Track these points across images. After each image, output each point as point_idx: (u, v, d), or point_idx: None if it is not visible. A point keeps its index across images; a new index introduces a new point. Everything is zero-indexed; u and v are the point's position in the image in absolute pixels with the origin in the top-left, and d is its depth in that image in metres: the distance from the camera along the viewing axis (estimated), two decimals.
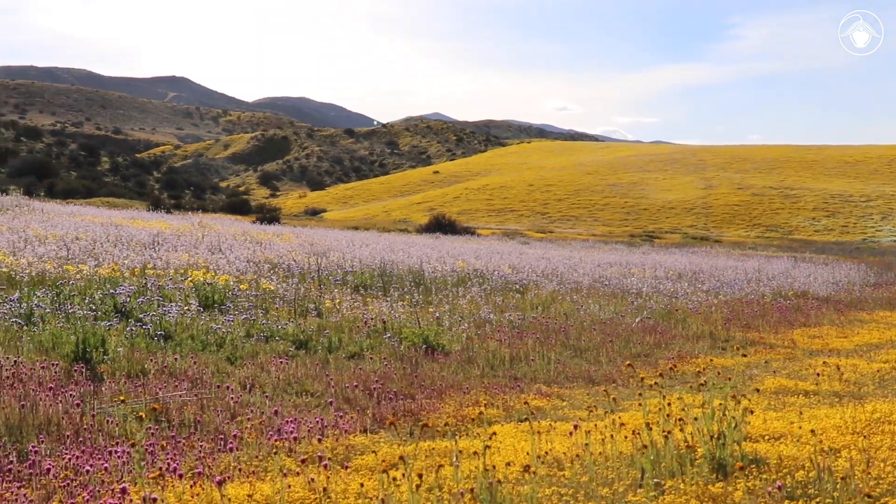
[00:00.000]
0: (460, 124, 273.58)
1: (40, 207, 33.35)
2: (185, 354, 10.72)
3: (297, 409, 8.94)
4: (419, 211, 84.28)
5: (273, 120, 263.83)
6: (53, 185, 76.18)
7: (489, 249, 34.34)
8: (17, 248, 17.86)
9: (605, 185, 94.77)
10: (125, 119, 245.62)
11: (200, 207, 60.02)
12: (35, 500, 5.74)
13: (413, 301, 17.04)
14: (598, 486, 5.89)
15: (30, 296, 12.79)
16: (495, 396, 10.05)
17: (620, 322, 16.65)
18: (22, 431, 7.29)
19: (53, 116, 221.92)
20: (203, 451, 7.01)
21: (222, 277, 16.32)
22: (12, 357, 9.46)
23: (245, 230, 32.34)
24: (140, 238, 23.10)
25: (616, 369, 12.24)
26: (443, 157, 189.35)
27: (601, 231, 71.54)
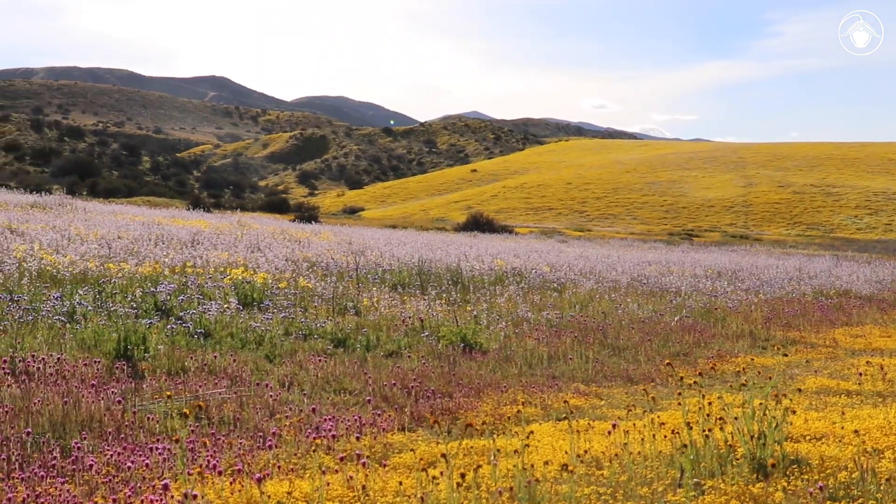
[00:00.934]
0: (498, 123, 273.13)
1: (83, 206, 33.76)
2: (224, 352, 10.81)
3: (336, 407, 8.98)
4: (457, 209, 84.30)
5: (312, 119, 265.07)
6: (95, 185, 77.15)
7: (527, 248, 34.26)
8: (61, 247, 18.09)
9: (644, 184, 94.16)
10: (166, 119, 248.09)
11: (239, 206, 60.52)
12: (78, 496, 5.80)
13: (451, 299, 17.05)
14: (636, 485, 5.85)
15: (72, 294, 12.95)
16: (533, 395, 10.02)
17: (659, 321, 16.54)
18: (65, 428, 7.39)
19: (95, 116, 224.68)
20: (242, 449, 7.05)
21: (261, 276, 16.42)
22: (56, 354, 9.59)
23: (283, 229, 32.53)
24: (180, 237, 23.31)
25: (655, 368, 12.16)
26: (481, 156, 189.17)
27: (640, 229, 71.10)
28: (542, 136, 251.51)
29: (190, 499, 5.02)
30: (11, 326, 10.78)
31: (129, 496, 5.65)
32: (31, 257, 15.78)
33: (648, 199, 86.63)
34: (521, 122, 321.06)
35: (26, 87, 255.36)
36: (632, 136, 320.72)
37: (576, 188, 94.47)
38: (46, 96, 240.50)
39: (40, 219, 25.02)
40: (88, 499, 5.73)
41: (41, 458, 6.57)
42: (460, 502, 5.34)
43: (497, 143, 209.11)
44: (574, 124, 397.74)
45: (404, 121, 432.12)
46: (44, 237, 19.41)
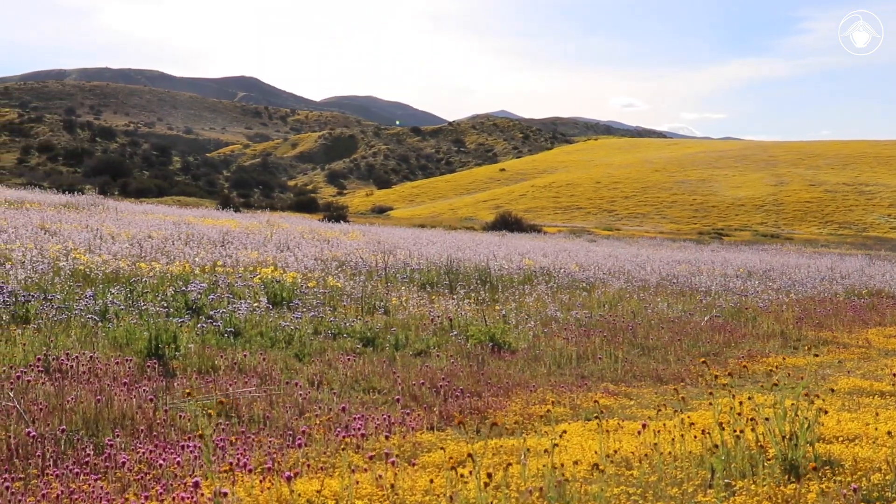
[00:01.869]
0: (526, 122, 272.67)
1: (114, 206, 34.08)
2: (254, 351, 10.86)
3: (365, 405, 9.00)
4: (485, 209, 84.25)
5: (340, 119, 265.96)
6: (127, 185, 77.90)
7: (556, 247, 34.19)
8: (93, 246, 18.27)
9: (673, 182, 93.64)
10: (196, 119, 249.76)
11: (269, 206, 60.84)
12: (111, 493, 5.86)
13: (479, 299, 17.04)
14: (667, 485, 5.82)
15: (105, 293, 13.07)
16: (562, 395, 9.99)
17: (689, 320, 16.45)
18: (98, 425, 7.46)
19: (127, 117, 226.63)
20: (272, 447, 7.09)
21: (290, 275, 16.49)
22: (88, 352, 9.68)
23: (313, 228, 32.67)
24: (210, 236, 23.47)
25: (685, 368, 12.10)
26: (509, 155, 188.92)
27: (669, 228, 70.73)
28: (571, 135, 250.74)
29: (220, 496, 5.05)
30: (45, 325, 10.90)
31: (161, 493, 5.69)
32: (64, 257, 15.95)
33: (678, 198, 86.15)
34: (549, 121, 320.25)
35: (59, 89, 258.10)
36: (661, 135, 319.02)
37: (605, 187, 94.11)
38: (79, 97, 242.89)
39: (73, 218, 25.29)
40: (121, 496, 5.78)
41: (75, 456, 6.64)
42: (489, 501, 5.34)
43: (525, 143, 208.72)
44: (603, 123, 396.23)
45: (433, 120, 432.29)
46: (77, 237, 19.61)
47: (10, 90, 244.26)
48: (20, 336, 10.26)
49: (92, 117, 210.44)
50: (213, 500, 5.17)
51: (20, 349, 9.59)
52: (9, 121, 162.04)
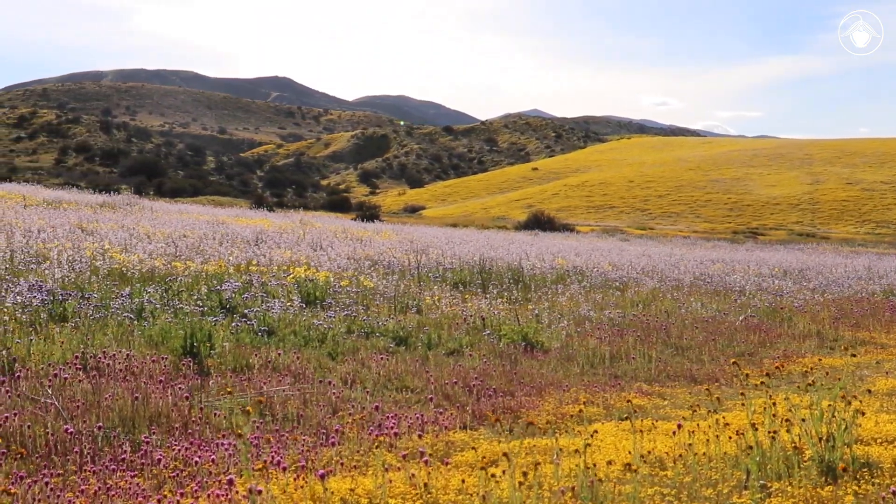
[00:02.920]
0: (559, 121, 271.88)
1: (150, 206, 34.40)
2: (288, 350, 10.92)
3: (398, 404, 9.02)
4: (517, 208, 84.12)
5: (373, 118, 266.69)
6: (162, 184, 78.62)
7: (588, 246, 34.08)
8: (129, 245, 18.46)
9: (707, 181, 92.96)
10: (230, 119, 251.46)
11: (302, 205, 61.12)
12: (147, 489, 5.92)
13: (512, 298, 17.02)
14: (701, 486, 5.78)
15: (140, 291, 13.20)
16: (595, 394, 9.96)
17: (723, 320, 16.33)
18: (134, 423, 7.53)
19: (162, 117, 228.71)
20: (306, 445, 7.12)
21: (323, 274, 16.57)
22: (125, 351, 9.78)
23: (345, 227, 32.79)
24: (244, 235, 23.62)
25: (719, 368, 12.01)
26: (541, 154, 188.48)
27: (703, 228, 70.24)
28: (604, 133, 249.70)
29: (254, 494, 5.09)
30: (83, 323, 11.03)
31: (196, 490, 5.74)
32: (101, 256, 16.13)
33: (712, 197, 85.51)
34: (582, 119, 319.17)
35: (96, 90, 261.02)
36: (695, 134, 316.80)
37: (638, 186, 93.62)
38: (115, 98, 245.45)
39: (109, 218, 25.56)
40: (157, 492, 5.84)
41: (111, 452, 6.72)
42: (522, 501, 5.33)
43: (558, 142, 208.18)
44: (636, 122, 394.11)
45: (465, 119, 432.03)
46: (113, 236, 19.82)
47: (49, 91, 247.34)
48: (58, 334, 10.39)
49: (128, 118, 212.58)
50: (247, 498, 5.20)
51: (58, 347, 9.72)
52: (47, 122, 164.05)
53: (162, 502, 5.26)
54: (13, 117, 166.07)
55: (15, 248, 16.01)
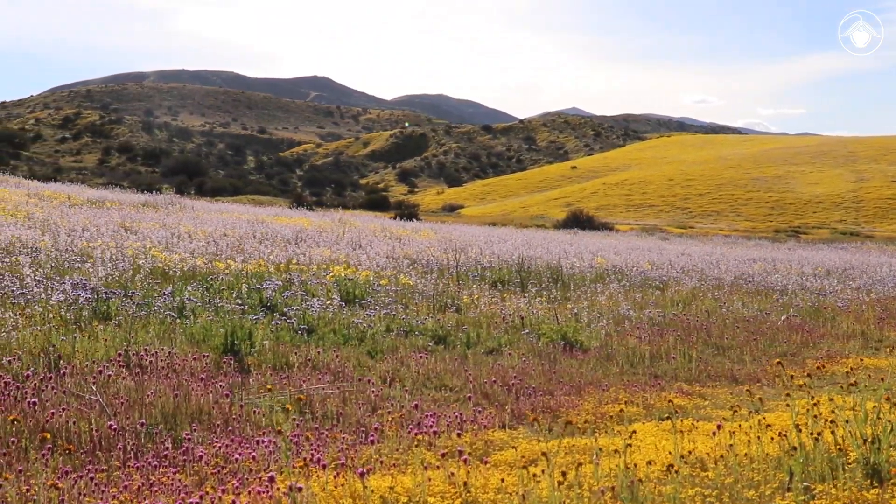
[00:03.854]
0: (598, 119, 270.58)
1: (191, 205, 34.73)
2: (327, 348, 10.98)
3: (437, 403, 9.03)
4: (556, 206, 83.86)
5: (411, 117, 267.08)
6: (203, 184, 79.32)
7: (628, 245, 33.89)
8: (171, 244, 18.66)
9: (748, 179, 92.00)
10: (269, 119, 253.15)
11: (341, 204, 61.42)
12: (189, 486, 5.98)
13: (551, 297, 16.97)
14: (743, 488, 5.72)
15: (182, 290, 13.34)
16: (635, 394, 9.91)
17: (765, 320, 16.17)
18: (176, 419, 7.62)
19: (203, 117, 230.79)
20: (345, 443, 7.15)
21: (363, 273, 16.63)
22: (167, 348, 9.90)
23: (384, 226, 32.88)
24: (284, 234, 23.78)
25: (761, 368, 11.89)
26: (580, 153, 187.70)
27: (744, 226, 69.57)
28: (643, 131, 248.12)
29: (295, 491, 5.12)
30: (126, 321, 11.16)
31: (237, 487, 5.79)
32: (143, 254, 16.32)
33: (753, 196, 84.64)
34: (621, 117, 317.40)
35: (138, 91, 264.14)
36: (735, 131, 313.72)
37: (678, 185, 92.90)
38: (157, 99, 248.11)
39: (151, 217, 25.85)
40: (198, 489, 5.89)
41: (154, 449, 6.80)
42: (562, 501, 5.32)
43: (597, 140, 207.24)
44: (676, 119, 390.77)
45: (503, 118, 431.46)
46: (155, 235, 20.04)
47: (93, 93, 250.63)
48: (102, 332, 10.52)
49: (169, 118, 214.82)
50: (287, 495, 5.24)
51: (102, 344, 9.85)
52: (91, 122, 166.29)
53: (204, 499, 5.31)
54: (58, 118, 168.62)
55: (60, 246, 16.25)
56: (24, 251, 15.50)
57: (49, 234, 18.12)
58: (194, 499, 5.14)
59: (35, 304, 11.32)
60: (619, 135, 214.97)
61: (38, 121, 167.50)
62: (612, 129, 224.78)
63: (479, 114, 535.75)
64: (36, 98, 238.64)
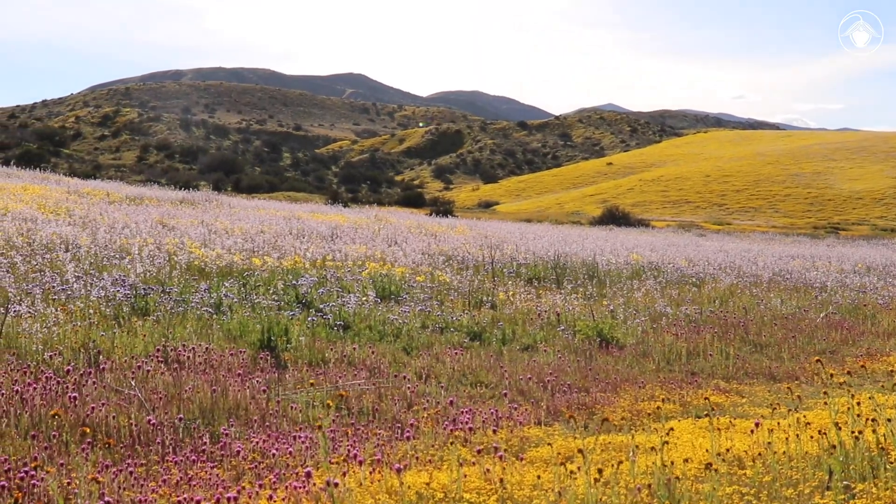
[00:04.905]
0: (634, 115, 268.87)
1: (227, 202, 34.97)
2: (363, 344, 11.02)
3: (472, 399, 9.03)
4: (592, 203, 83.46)
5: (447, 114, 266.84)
6: (239, 181, 79.90)
7: (664, 242, 33.67)
8: (208, 241, 18.79)
9: (787, 175, 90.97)
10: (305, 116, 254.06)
11: (376, 201, 61.52)
12: (227, 480, 6.03)
13: (587, 294, 16.90)
14: (781, 486, 5.67)
15: (219, 286, 13.44)
16: (671, 391, 9.85)
17: (804, 317, 15.99)
18: (213, 415, 7.68)
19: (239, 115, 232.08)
20: (381, 439, 7.18)
21: (398, 269, 16.66)
22: (204, 344, 9.98)
23: (419, 223, 32.90)
24: (320, 231, 23.88)
25: (799, 366, 11.77)
26: (616, 149, 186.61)
27: (782, 223, 68.82)
28: (680, 127, 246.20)
29: (332, 487, 5.14)
30: (164, 317, 11.27)
31: (274, 482, 5.83)
32: (180, 251, 16.46)
33: (791, 192, 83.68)
34: (657, 113, 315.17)
35: (176, 89, 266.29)
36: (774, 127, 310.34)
37: (715, 181, 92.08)
38: (194, 96, 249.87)
39: (189, 214, 26.06)
40: (236, 483, 5.94)
41: (192, 443, 6.86)
42: (598, 498, 5.29)
43: (633, 136, 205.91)
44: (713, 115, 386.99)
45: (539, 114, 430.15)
46: (192, 231, 20.20)
47: (131, 91, 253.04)
48: (140, 327, 10.64)
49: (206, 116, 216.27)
50: (324, 491, 5.27)
51: (141, 340, 9.95)
52: (129, 120, 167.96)
53: (241, 493, 5.35)
54: (97, 116, 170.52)
55: (99, 243, 16.43)
56: (65, 248, 15.69)
57: (88, 230, 18.33)
58: (232, 493, 5.19)
59: (75, 299, 11.46)
60: (655, 131, 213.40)
61: (78, 119, 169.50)
62: (648, 126, 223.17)
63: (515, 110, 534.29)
64: (76, 96, 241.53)
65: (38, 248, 15.41)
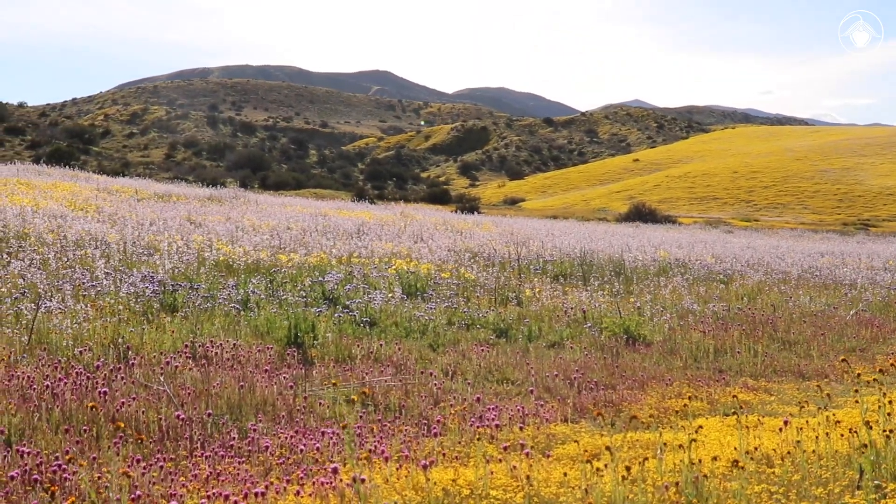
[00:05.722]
0: (661, 111, 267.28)
1: (254, 199, 35.14)
2: (389, 341, 11.04)
3: (498, 396, 9.04)
4: (618, 199, 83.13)
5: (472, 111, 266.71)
6: (266, 178, 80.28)
7: (691, 238, 33.49)
8: (235, 238, 18.90)
9: (816, 171, 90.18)
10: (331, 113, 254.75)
11: (402, 198, 61.62)
12: (254, 475, 6.07)
13: (613, 291, 16.85)
14: (811, 485, 5.63)
15: (246, 282, 13.52)
16: (699, 389, 9.80)
17: (833, 314, 15.86)
18: (241, 410, 7.73)
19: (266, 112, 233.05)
20: (408, 436, 7.20)
21: (424, 266, 16.68)
22: (232, 340, 10.05)
23: (445, 220, 32.91)
24: (346, 227, 23.95)
25: (828, 364, 11.68)
26: (643, 145, 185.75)
27: (811, 219, 68.27)
28: (707, 123, 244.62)
29: (358, 482, 5.16)
30: (192, 313, 11.35)
31: (301, 478, 5.85)
32: (208, 247, 16.56)
33: (820, 188, 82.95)
34: (684, 109, 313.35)
35: (203, 86, 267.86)
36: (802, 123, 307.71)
37: (742, 177, 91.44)
38: (221, 94, 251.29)
39: (216, 211, 26.21)
40: (264, 479, 5.97)
41: (220, 439, 6.91)
42: (625, 495, 5.28)
43: (660, 132, 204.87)
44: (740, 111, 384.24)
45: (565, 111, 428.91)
46: (220, 228, 20.32)
47: (159, 89, 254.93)
48: (169, 323, 10.72)
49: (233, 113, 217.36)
50: (351, 486, 5.29)
51: (169, 336, 10.03)
52: (158, 118, 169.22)
53: (269, 489, 5.38)
54: (126, 114, 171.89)
55: (128, 240, 16.57)
56: (94, 244, 15.83)
57: (117, 227, 18.49)
58: (260, 488, 5.22)
59: (105, 295, 11.56)
60: (682, 127, 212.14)
61: (107, 117, 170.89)
62: (675, 122, 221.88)
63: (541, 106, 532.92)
64: (105, 94, 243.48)
65: (68, 244, 15.56)
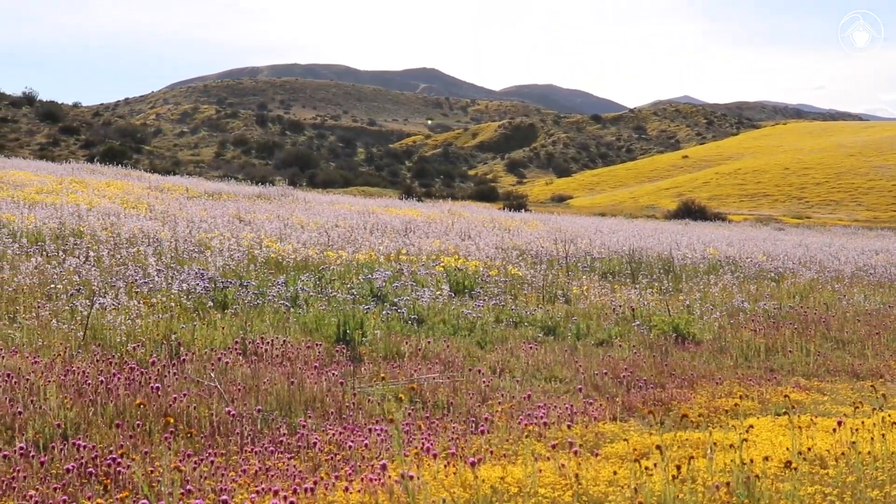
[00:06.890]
0: (710, 107, 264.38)
1: (303, 197, 35.40)
2: (437, 338, 11.06)
3: (546, 394, 9.01)
4: (667, 197, 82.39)
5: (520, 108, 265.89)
6: (314, 176, 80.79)
7: (741, 236, 33.12)
8: (283, 235, 19.06)
9: (870, 167, 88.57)
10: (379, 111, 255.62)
11: (449, 195, 61.61)
12: (303, 471, 6.11)
13: (662, 288, 16.71)
14: (866, 487, 5.54)
15: (295, 280, 13.63)
16: (750, 388, 9.69)
17: (888, 313, 15.58)
18: (290, 407, 7.79)
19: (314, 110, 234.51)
20: (455, 433, 7.20)
21: (472, 263, 16.68)
22: (281, 337, 10.14)
23: (493, 217, 32.89)
24: (393, 225, 24.03)
25: (884, 364, 11.48)
26: (692, 142, 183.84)
27: (865, 216, 67.11)
28: (758, 119, 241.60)
29: (406, 479, 5.18)
30: (242, 310, 11.47)
31: (350, 474, 5.88)
32: (257, 245, 16.72)
33: (875, 184, 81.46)
34: (734, 105, 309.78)
35: (252, 85, 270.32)
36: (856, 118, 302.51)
37: (794, 174, 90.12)
38: (270, 93, 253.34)
39: (265, 209, 26.45)
40: (313, 475, 6.01)
41: (270, 435, 6.97)
42: (675, 495, 5.24)
43: (709, 128, 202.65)
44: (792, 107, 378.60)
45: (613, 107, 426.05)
46: (269, 226, 20.51)
47: (209, 88, 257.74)
48: (220, 320, 10.84)
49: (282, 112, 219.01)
50: (399, 483, 5.31)
51: (220, 332, 10.15)
52: (208, 117, 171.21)
53: (318, 484, 5.42)
54: (177, 113, 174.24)
55: (179, 237, 16.78)
56: (146, 242, 16.06)
57: (169, 225, 18.74)
58: (309, 484, 5.26)
59: (157, 292, 11.72)
60: (732, 123, 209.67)
61: (158, 116, 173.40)
62: (724, 118, 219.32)
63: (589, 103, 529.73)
64: (156, 94, 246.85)
65: (121, 242, 15.80)
